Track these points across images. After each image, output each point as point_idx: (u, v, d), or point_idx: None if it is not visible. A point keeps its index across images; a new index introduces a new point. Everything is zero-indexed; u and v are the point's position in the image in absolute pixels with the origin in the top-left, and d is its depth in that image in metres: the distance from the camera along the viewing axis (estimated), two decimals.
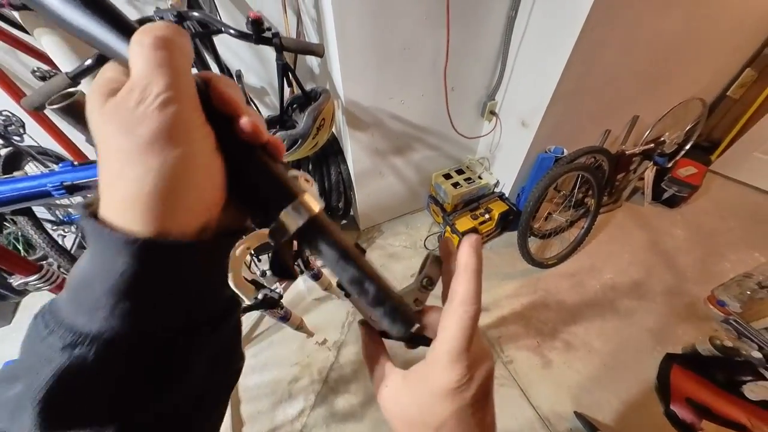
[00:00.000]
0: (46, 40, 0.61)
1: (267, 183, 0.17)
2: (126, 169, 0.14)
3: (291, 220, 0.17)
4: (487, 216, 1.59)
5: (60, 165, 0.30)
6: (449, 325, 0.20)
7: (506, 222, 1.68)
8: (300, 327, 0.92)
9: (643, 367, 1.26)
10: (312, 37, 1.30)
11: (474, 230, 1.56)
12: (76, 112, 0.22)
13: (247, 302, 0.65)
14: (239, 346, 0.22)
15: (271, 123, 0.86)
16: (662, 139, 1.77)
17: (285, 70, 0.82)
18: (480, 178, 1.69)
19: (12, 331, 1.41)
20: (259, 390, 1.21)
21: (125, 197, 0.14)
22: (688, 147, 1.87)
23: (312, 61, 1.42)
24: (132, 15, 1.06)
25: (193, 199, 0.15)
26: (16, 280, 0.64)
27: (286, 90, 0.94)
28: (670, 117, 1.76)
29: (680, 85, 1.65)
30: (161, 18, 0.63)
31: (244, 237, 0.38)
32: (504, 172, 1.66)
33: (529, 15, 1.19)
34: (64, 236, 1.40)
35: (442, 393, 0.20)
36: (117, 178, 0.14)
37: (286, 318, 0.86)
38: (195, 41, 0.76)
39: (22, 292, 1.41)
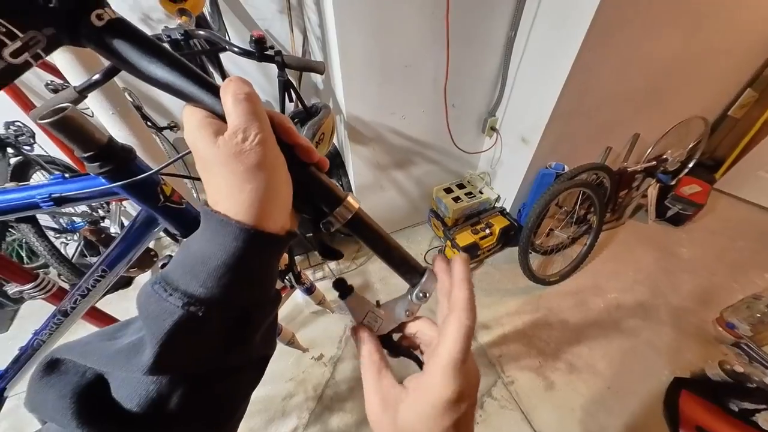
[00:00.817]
0: (58, 56, 0.64)
1: (321, 190, 0.24)
2: (245, 184, 0.19)
3: (343, 214, 0.24)
4: (488, 231, 1.58)
5: (51, 177, 0.30)
6: (451, 332, 0.22)
7: (507, 237, 1.66)
8: (291, 342, 0.90)
9: (649, 392, 1.21)
10: (317, 55, 1.34)
11: (475, 245, 1.55)
12: (67, 127, 0.23)
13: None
14: (276, 331, 0.27)
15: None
16: (665, 156, 1.76)
17: (286, 86, 0.84)
18: (481, 192, 1.69)
19: (9, 338, 1.40)
20: (252, 406, 1.18)
21: (245, 201, 0.19)
22: (691, 165, 1.86)
23: (317, 77, 1.46)
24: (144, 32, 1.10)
25: (280, 205, 0.21)
26: (11, 288, 0.64)
27: (289, 105, 0.96)
28: (672, 135, 1.76)
29: (681, 104, 1.66)
30: (169, 37, 0.65)
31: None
32: (505, 188, 1.66)
33: (528, 35, 1.22)
34: (67, 244, 1.41)
35: (444, 405, 0.21)
36: (237, 190, 0.19)
37: (278, 332, 0.84)
38: (201, 57, 0.78)
39: (17, 300, 1.41)
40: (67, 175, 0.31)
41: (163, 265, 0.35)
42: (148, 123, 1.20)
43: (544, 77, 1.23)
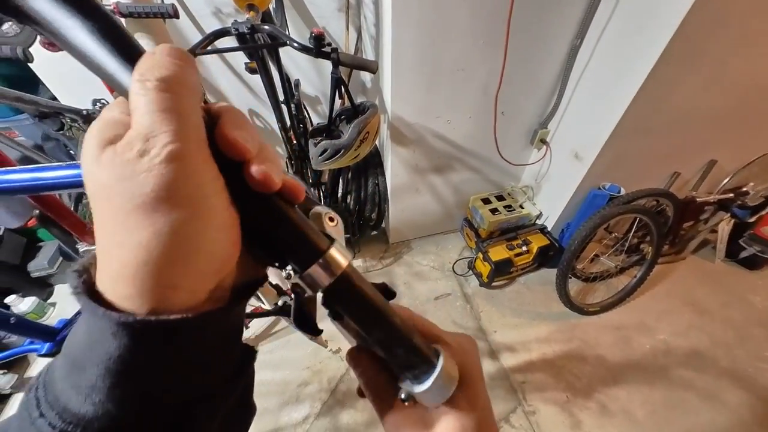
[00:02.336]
0: (142, 44, 0.71)
1: (287, 235, 0.16)
2: (124, 235, 0.12)
3: (318, 278, 0.16)
4: (524, 248, 1.49)
5: None
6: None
7: (545, 257, 1.56)
8: (313, 338, 0.92)
9: None
10: (369, 53, 1.36)
11: (508, 261, 1.47)
12: None
13: (267, 307, 0.66)
14: (251, 398, 0.20)
15: (319, 131, 0.90)
16: (745, 189, 1.54)
17: (338, 83, 0.86)
18: (521, 207, 1.60)
19: None
20: (269, 387, 1.23)
21: (122, 267, 0.12)
22: None
23: (365, 75, 1.48)
24: (215, 26, 1.19)
25: (203, 263, 0.13)
26: (83, 246, 0.72)
27: (337, 101, 0.98)
28: (758, 165, 1.53)
29: None
30: (237, 30, 0.70)
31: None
32: (549, 204, 1.55)
33: (596, 44, 1.13)
34: None
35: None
36: (114, 246, 0.12)
37: (312, 330, 0.86)
38: (262, 52, 0.82)
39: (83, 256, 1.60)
40: None
41: None
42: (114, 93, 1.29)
43: (609, 90, 1.13)
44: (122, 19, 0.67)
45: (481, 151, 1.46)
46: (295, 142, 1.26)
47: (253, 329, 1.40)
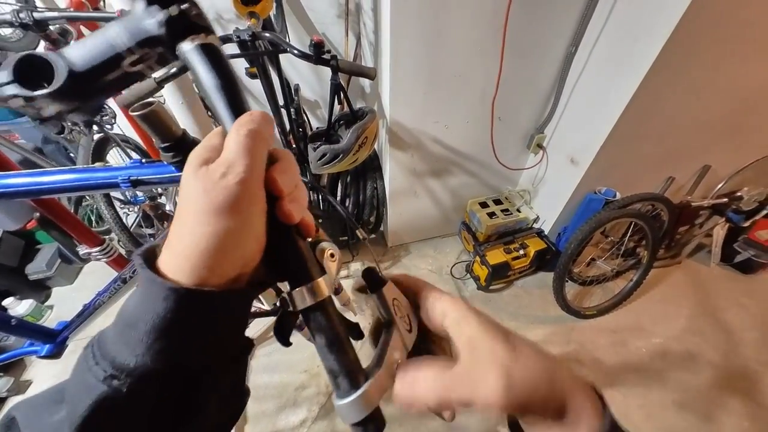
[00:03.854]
0: None
1: (293, 259, 0.20)
2: (196, 227, 0.17)
3: (301, 298, 0.20)
4: (521, 252, 1.50)
5: (130, 161, 0.35)
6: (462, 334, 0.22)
7: (542, 261, 1.57)
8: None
9: None
10: (368, 59, 1.37)
11: (506, 264, 1.48)
12: (151, 119, 0.26)
13: (265, 307, 0.67)
14: (245, 383, 0.23)
15: (318, 136, 0.91)
16: (739, 194, 1.56)
17: (337, 89, 0.87)
18: (518, 211, 1.61)
19: (73, 290, 1.59)
20: (267, 390, 1.23)
21: (186, 248, 0.17)
22: None
23: (364, 81, 1.49)
24: (217, 32, 1.20)
25: (236, 258, 0.18)
26: (82, 249, 0.73)
27: (336, 107, 0.99)
28: (752, 170, 1.56)
29: (766, 138, 1.47)
30: (238, 37, 0.71)
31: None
32: (546, 208, 1.57)
33: (591, 51, 1.15)
34: (128, 215, 1.57)
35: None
36: (187, 233, 0.17)
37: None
38: (263, 58, 0.84)
39: (85, 259, 1.60)
40: (143, 161, 0.34)
41: None
42: (209, 114, 1.31)
43: (605, 96, 1.15)
44: None
45: (478, 155, 1.48)
46: (294, 146, 1.27)
47: (251, 331, 1.40)
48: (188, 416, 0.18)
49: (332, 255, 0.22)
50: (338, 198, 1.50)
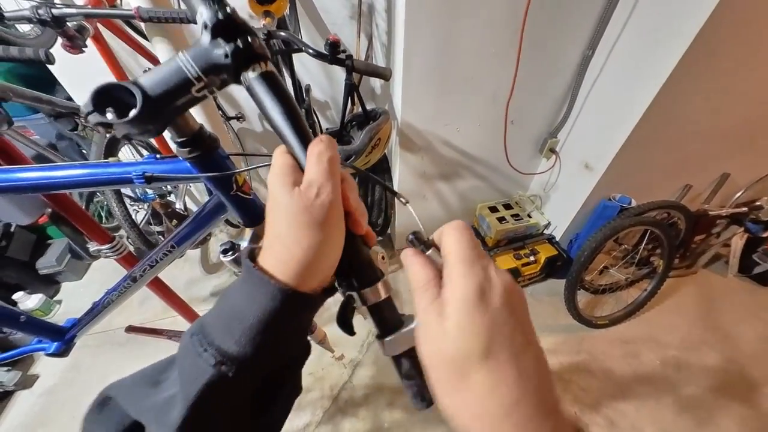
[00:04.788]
0: (160, 47, 0.72)
1: (360, 264, 0.24)
2: (303, 239, 0.20)
3: (369, 296, 0.24)
4: (532, 258, 1.47)
5: (145, 156, 0.34)
6: (449, 242, 0.22)
7: (553, 268, 1.54)
8: (322, 342, 0.91)
9: None
10: (379, 59, 1.37)
11: (515, 271, 1.46)
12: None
13: None
14: (300, 383, 0.26)
15: (330, 136, 0.90)
16: (759, 203, 1.51)
17: (351, 90, 0.86)
18: (529, 216, 1.59)
19: (82, 286, 1.61)
20: None
21: (291, 257, 0.20)
22: None
23: (375, 81, 1.48)
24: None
25: (326, 267, 0.22)
26: (92, 246, 0.72)
27: (348, 107, 0.98)
28: None
29: None
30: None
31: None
32: (557, 214, 1.54)
33: (608, 55, 1.13)
34: (137, 212, 1.58)
35: (469, 303, 0.19)
36: (293, 244, 0.20)
37: (311, 330, 0.85)
38: (277, 57, 0.83)
39: (94, 256, 1.61)
40: (158, 156, 0.34)
41: (228, 250, 0.36)
42: (220, 111, 1.31)
43: (622, 101, 1.12)
44: (142, 24, 0.68)
45: (489, 159, 1.46)
46: None
47: None
48: (268, 405, 0.21)
49: (383, 257, 0.26)
50: None
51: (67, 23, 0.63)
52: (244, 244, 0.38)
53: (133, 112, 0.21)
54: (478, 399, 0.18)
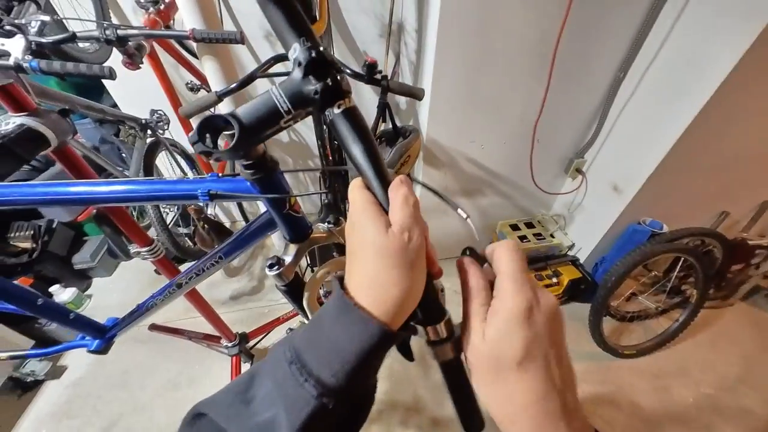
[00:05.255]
0: (208, 65, 0.77)
1: (429, 300, 0.24)
2: (397, 282, 0.21)
3: (432, 334, 0.25)
4: (554, 280, 1.43)
5: (209, 175, 0.36)
6: (503, 260, 0.23)
7: (576, 291, 1.49)
8: None
9: None
10: (406, 76, 1.40)
11: None
12: None
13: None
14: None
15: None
16: None
17: (384, 108, 0.89)
18: (552, 236, 1.55)
19: (111, 282, 1.68)
20: None
21: (391, 298, 0.21)
22: None
23: (400, 97, 1.52)
24: (265, 48, 1.27)
25: (412, 307, 0.23)
26: (133, 248, 0.76)
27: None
28: None
29: None
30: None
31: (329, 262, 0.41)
32: (582, 236, 1.49)
33: (642, 76, 1.11)
34: (167, 213, 1.65)
35: (516, 317, 0.21)
36: (392, 285, 0.21)
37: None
38: None
39: (129, 256, 1.68)
40: (219, 174, 0.36)
41: (274, 265, 0.38)
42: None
43: (656, 124, 1.09)
44: (194, 44, 0.73)
45: (512, 176, 1.45)
46: (330, 158, 1.29)
47: (272, 339, 1.40)
48: (351, 428, 0.23)
49: (442, 290, 0.27)
50: None
51: (129, 42, 0.68)
52: (288, 259, 0.39)
53: (232, 142, 0.23)
54: (506, 394, 0.22)
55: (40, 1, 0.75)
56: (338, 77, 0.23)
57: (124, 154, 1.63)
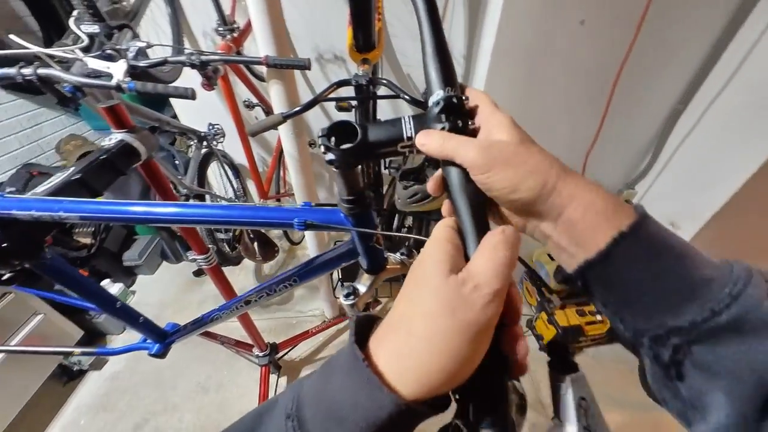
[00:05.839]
0: (274, 88, 0.82)
1: (496, 398, 0.18)
2: (441, 344, 0.16)
3: None
4: (598, 317, 1.34)
5: (302, 203, 0.38)
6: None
7: None
8: None
9: None
10: None
11: (578, 329, 1.33)
12: (347, 175, 0.31)
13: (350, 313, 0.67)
14: None
15: (407, 174, 0.93)
16: None
17: None
18: None
19: (153, 281, 1.77)
20: None
21: (421, 366, 0.16)
22: None
23: None
24: (316, 72, 1.33)
25: (459, 380, 0.17)
26: (191, 254, 0.80)
27: None
28: None
29: None
30: (357, 82, 0.77)
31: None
32: None
33: (706, 109, 1.05)
34: None
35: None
36: (428, 346, 0.16)
37: None
38: (374, 101, 0.90)
39: (179, 260, 1.77)
40: (313, 204, 0.37)
41: (350, 294, 0.38)
42: (310, 143, 1.43)
43: (721, 161, 1.02)
44: (264, 69, 0.78)
45: None
46: (368, 170, 1.31)
47: (299, 351, 1.41)
48: None
49: (515, 389, 0.19)
50: (394, 227, 1.50)
51: (209, 66, 0.74)
52: (362, 288, 0.39)
53: (348, 145, 0.25)
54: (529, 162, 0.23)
55: (134, 29, 0.84)
56: (467, 122, 0.25)
57: (177, 162, 1.76)
